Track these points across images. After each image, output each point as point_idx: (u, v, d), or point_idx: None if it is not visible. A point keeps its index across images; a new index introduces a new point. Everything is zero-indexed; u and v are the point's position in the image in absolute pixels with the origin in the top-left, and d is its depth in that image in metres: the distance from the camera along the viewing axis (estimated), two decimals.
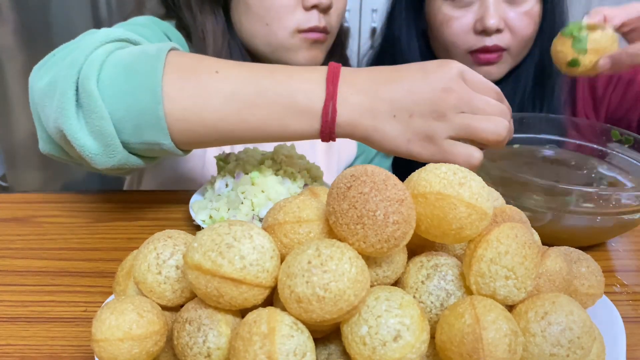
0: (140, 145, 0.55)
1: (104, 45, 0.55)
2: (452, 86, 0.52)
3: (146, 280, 0.36)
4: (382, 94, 0.53)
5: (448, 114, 0.52)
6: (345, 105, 0.53)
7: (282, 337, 0.30)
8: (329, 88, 0.53)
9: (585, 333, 0.33)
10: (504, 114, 0.53)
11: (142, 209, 0.71)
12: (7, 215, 0.69)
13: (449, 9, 0.89)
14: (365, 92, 0.53)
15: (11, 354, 0.46)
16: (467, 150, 0.53)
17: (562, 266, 0.39)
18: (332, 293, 0.30)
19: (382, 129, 0.53)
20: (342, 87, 0.54)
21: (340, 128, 0.54)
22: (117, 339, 0.33)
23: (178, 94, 0.53)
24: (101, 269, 0.58)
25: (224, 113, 0.54)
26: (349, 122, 0.54)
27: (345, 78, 0.54)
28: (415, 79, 0.53)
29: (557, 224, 0.58)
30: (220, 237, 0.33)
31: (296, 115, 0.54)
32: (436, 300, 0.35)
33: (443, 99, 0.52)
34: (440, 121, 0.52)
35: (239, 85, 0.54)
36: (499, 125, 0.52)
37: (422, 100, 0.52)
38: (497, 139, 0.52)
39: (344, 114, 0.53)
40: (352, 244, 0.33)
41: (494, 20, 0.84)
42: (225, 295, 0.32)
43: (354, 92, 0.53)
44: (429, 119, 0.52)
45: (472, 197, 0.34)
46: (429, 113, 0.52)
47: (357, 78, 0.54)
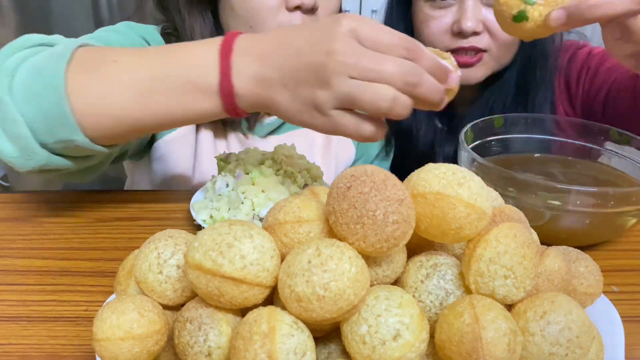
0: (58, 144, 0.55)
1: (21, 52, 0.56)
2: (337, 48, 0.46)
3: (147, 280, 0.37)
4: (273, 61, 0.49)
5: (332, 81, 0.46)
6: (240, 77, 0.50)
7: (282, 336, 0.30)
8: (222, 61, 0.50)
9: (584, 332, 0.33)
10: (405, 73, 0.46)
11: (143, 208, 0.71)
12: (8, 215, 0.69)
13: (429, 9, 0.89)
14: (260, 60, 0.50)
15: (12, 353, 0.46)
16: (356, 122, 0.48)
17: (561, 266, 0.39)
18: (332, 292, 0.30)
19: (276, 99, 0.50)
20: (236, 58, 0.50)
21: (242, 101, 0.51)
22: (118, 338, 0.33)
23: (81, 88, 0.53)
24: (102, 269, 0.58)
25: (126, 103, 0.53)
26: (249, 95, 0.50)
27: (241, 47, 0.51)
28: (303, 41, 0.48)
29: (556, 223, 0.58)
30: (221, 236, 0.33)
31: (196, 95, 0.52)
32: (435, 300, 0.35)
33: (326, 63, 0.46)
34: (325, 89, 0.47)
35: (135, 72, 0.53)
36: (380, 94, 0.46)
37: (307, 66, 0.47)
38: (377, 110, 0.46)
39: (241, 86, 0.50)
40: (352, 244, 0.33)
41: (470, 23, 0.83)
42: (225, 295, 0.32)
43: (250, 62, 0.50)
44: (315, 87, 0.47)
45: (471, 197, 0.34)
46: (313, 80, 0.47)
47: (253, 45, 0.51)
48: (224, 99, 0.51)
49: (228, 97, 0.51)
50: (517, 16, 0.49)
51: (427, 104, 0.49)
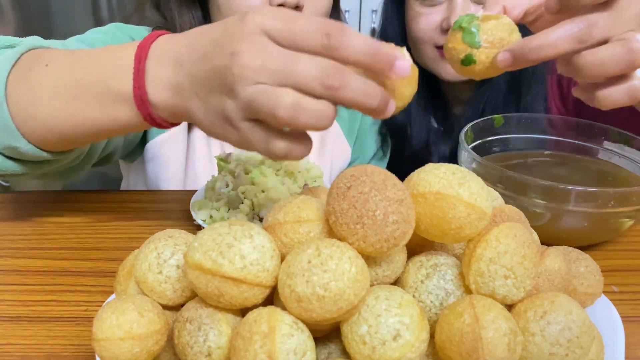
0: (5, 150, 0.54)
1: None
2: (241, 48, 0.39)
3: (147, 280, 0.37)
4: (186, 67, 0.43)
5: (236, 88, 0.39)
6: (154, 84, 0.45)
7: (282, 336, 0.30)
8: (136, 66, 0.45)
9: (584, 332, 0.33)
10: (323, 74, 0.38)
11: (143, 208, 0.71)
12: (8, 214, 0.69)
13: (419, 7, 0.90)
14: (173, 65, 0.44)
15: (12, 353, 0.46)
16: (264, 138, 0.41)
17: (561, 266, 0.39)
18: (332, 292, 0.30)
19: (191, 109, 0.44)
20: (150, 62, 0.45)
21: (159, 111, 0.46)
22: (118, 338, 0.33)
23: (15, 94, 0.51)
24: (102, 269, 0.58)
25: (52, 110, 0.50)
26: (165, 104, 0.45)
27: (157, 50, 0.45)
28: (209, 42, 0.42)
29: (556, 223, 0.58)
30: (221, 236, 0.33)
31: (115, 103, 0.47)
32: (435, 300, 0.35)
33: (230, 67, 0.39)
34: (231, 98, 0.40)
35: (62, 77, 0.50)
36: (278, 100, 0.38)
37: (213, 72, 0.41)
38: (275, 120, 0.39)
39: (156, 95, 0.45)
40: (352, 244, 0.33)
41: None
42: (225, 295, 0.32)
43: (163, 66, 0.45)
44: (223, 96, 0.41)
45: (472, 197, 0.34)
46: (220, 88, 0.41)
47: (170, 48, 0.45)
48: (140, 108, 0.46)
49: (143, 106, 0.46)
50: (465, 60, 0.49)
51: (364, 110, 0.40)
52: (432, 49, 0.91)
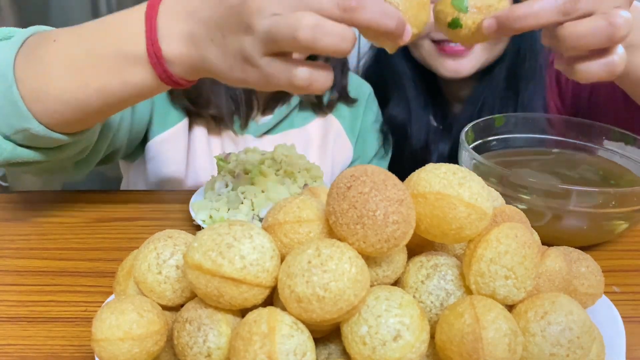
0: (17, 135, 0.54)
1: None
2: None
3: (146, 280, 0.36)
4: (198, 15, 0.44)
5: (253, 21, 0.40)
6: (167, 40, 0.46)
7: (282, 336, 0.30)
8: (148, 25, 0.46)
9: (584, 333, 0.33)
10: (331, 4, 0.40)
11: (142, 209, 0.71)
12: (7, 215, 0.69)
13: None
14: (186, 17, 0.45)
15: (11, 353, 0.46)
16: (285, 68, 0.42)
17: (562, 266, 0.39)
18: (332, 293, 0.30)
19: (207, 57, 0.45)
20: (162, 19, 0.46)
21: (175, 67, 0.47)
22: (117, 339, 0.33)
23: (25, 74, 0.51)
24: (101, 269, 0.58)
25: (66, 83, 0.50)
26: (180, 57, 0.46)
27: (167, 6, 0.46)
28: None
29: (557, 223, 0.58)
30: (221, 237, 0.33)
31: (129, 66, 0.48)
32: (436, 300, 0.35)
33: (245, 5, 0.41)
34: (249, 34, 0.41)
35: (72, 49, 0.50)
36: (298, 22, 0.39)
37: (229, 11, 0.42)
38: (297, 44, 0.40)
39: (170, 50, 0.46)
40: (352, 244, 0.33)
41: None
42: (225, 295, 0.32)
43: (175, 21, 0.46)
44: (240, 34, 0.42)
45: (472, 197, 0.34)
46: (237, 26, 0.42)
47: (179, 2, 0.46)
48: (155, 66, 0.47)
49: (158, 64, 0.47)
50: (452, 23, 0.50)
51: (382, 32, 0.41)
52: (429, 44, 0.89)
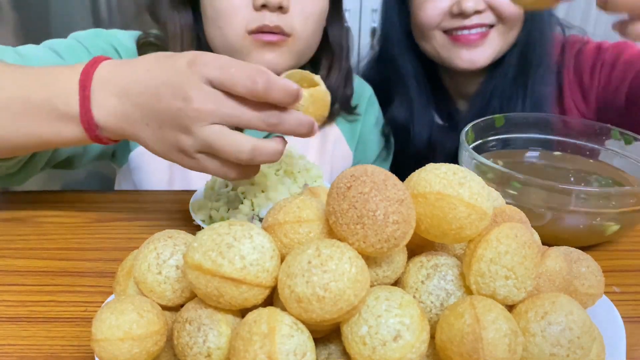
0: None
1: None
2: (193, 95, 0.46)
3: (146, 280, 0.36)
4: (133, 98, 0.49)
5: (192, 128, 0.47)
6: (101, 109, 0.50)
7: (282, 337, 0.30)
8: (81, 91, 0.50)
9: (585, 333, 0.33)
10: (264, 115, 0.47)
11: (142, 209, 0.71)
12: (7, 215, 0.69)
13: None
14: (119, 95, 0.49)
15: (11, 353, 0.46)
16: (221, 168, 0.50)
17: (562, 266, 0.39)
18: (332, 293, 0.30)
19: (141, 136, 0.50)
20: (95, 89, 0.50)
21: (106, 132, 0.52)
22: (117, 339, 0.33)
23: None
24: (101, 269, 0.58)
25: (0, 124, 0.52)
26: (112, 127, 0.51)
27: (101, 77, 0.50)
28: (160, 83, 0.48)
29: (557, 224, 0.58)
30: (220, 237, 0.33)
31: (62, 121, 0.51)
32: (436, 300, 0.35)
33: (184, 111, 0.47)
34: (186, 135, 0.48)
35: (9, 93, 0.52)
36: (239, 145, 0.47)
37: (167, 111, 0.48)
38: (239, 161, 0.48)
39: (102, 119, 0.50)
40: (352, 244, 0.33)
41: (471, 3, 0.80)
42: (225, 295, 0.32)
43: (109, 95, 0.50)
44: (177, 132, 0.48)
45: (472, 197, 0.34)
46: (175, 125, 0.48)
47: (113, 77, 0.50)
48: (87, 130, 0.51)
49: (90, 128, 0.51)
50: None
51: (297, 136, 0.50)
52: (441, 35, 0.88)
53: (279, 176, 0.64)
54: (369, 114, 0.97)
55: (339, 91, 0.86)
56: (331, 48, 0.85)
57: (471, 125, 0.71)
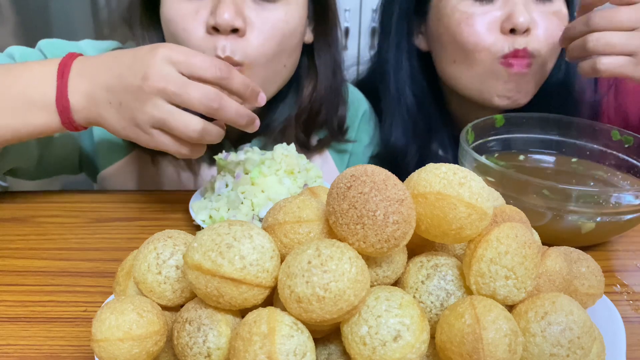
0: None
1: None
2: (150, 73, 0.52)
3: (146, 280, 0.36)
4: (101, 81, 0.55)
5: (147, 104, 0.52)
6: (75, 94, 0.56)
7: (282, 337, 0.30)
8: (59, 80, 0.56)
9: (585, 333, 0.33)
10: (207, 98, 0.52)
11: (142, 209, 0.71)
12: (6, 215, 0.69)
13: (469, 5, 0.74)
14: (90, 80, 0.55)
15: (11, 354, 0.46)
16: (174, 144, 0.54)
17: (562, 266, 0.38)
18: (332, 293, 0.30)
19: (104, 115, 0.56)
20: (72, 76, 0.56)
21: (77, 116, 0.57)
22: (117, 339, 0.33)
23: None
24: (101, 269, 0.58)
25: None
26: (82, 110, 0.56)
27: (77, 67, 0.56)
28: (126, 65, 0.54)
29: (557, 224, 0.58)
30: (220, 237, 0.33)
31: (35, 111, 0.56)
32: (436, 300, 0.35)
33: (141, 87, 0.52)
34: (142, 111, 0.53)
35: None
36: (190, 125, 0.52)
37: (127, 89, 0.53)
38: (189, 139, 0.54)
39: (75, 103, 0.56)
40: (352, 244, 0.33)
41: (524, 18, 0.71)
42: (225, 295, 0.32)
43: (82, 81, 0.56)
44: (134, 108, 0.53)
45: (472, 197, 0.34)
46: (133, 102, 0.53)
47: (87, 66, 0.56)
48: (61, 114, 0.56)
49: (64, 112, 0.56)
50: None
51: (236, 126, 0.56)
52: (493, 62, 0.75)
53: (279, 176, 0.64)
54: (362, 133, 0.89)
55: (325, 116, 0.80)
56: (315, 67, 0.78)
57: (471, 125, 0.71)
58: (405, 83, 0.85)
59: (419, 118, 0.86)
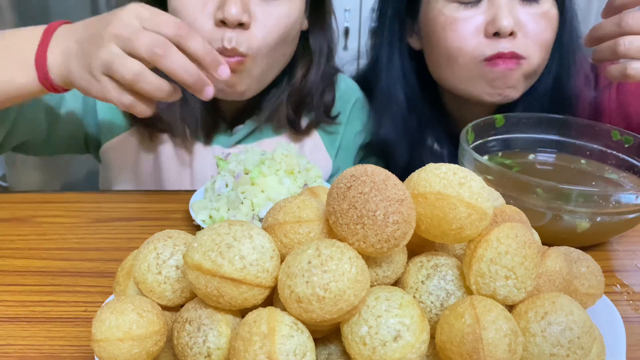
0: None
1: None
2: (113, 22, 0.54)
3: (146, 280, 0.36)
4: (76, 36, 0.57)
5: (102, 49, 0.53)
6: (53, 52, 0.58)
7: (282, 337, 0.30)
8: (43, 39, 0.58)
9: (585, 333, 0.33)
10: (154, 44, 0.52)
11: (142, 208, 0.71)
12: (7, 215, 0.69)
13: (454, 10, 0.75)
14: (69, 38, 0.58)
15: (11, 354, 0.46)
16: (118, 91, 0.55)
17: (562, 266, 0.39)
18: (332, 293, 0.30)
19: (71, 68, 0.57)
20: (55, 37, 0.58)
21: (54, 74, 0.58)
22: (117, 339, 0.33)
23: None
24: (101, 269, 0.58)
25: None
26: (57, 66, 0.58)
27: (62, 30, 0.59)
28: (98, 19, 0.57)
29: (557, 224, 0.58)
30: (220, 237, 0.33)
31: (17, 68, 0.58)
32: (436, 300, 0.35)
33: (101, 34, 0.54)
34: (96, 56, 0.54)
35: None
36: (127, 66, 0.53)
37: (91, 37, 0.55)
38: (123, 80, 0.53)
39: (53, 60, 0.58)
40: (352, 244, 0.33)
41: (507, 21, 0.71)
42: (225, 295, 0.32)
43: (62, 41, 0.58)
44: (91, 55, 0.54)
45: (472, 197, 0.34)
46: (92, 48, 0.54)
47: (71, 28, 0.59)
48: (39, 71, 0.58)
49: (42, 69, 0.58)
50: None
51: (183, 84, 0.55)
52: (477, 65, 0.76)
53: (279, 176, 0.64)
54: (354, 120, 0.91)
55: (316, 97, 0.83)
56: (310, 52, 0.81)
57: (471, 125, 0.71)
58: (397, 81, 0.86)
59: (409, 116, 0.87)
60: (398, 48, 0.85)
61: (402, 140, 0.87)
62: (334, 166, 0.89)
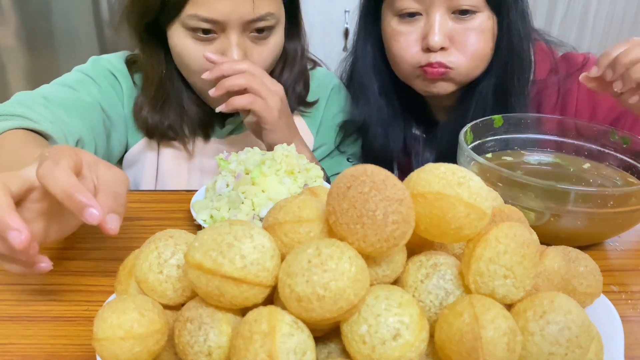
0: None
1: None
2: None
3: (147, 280, 0.37)
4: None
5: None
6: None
7: (282, 335, 0.30)
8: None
9: (583, 332, 0.33)
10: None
11: (143, 208, 0.71)
12: None
13: (397, 24, 0.86)
14: None
15: (13, 352, 0.46)
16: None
17: (561, 265, 0.39)
18: (332, 292, 0.30)
19: None
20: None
21: None
22: (118, 338, 0.33)
23: None
24: (103, 268, 0.58)
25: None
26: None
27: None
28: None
29: (555, 223, 0.58)
30: (221, 236, 0.33)
31: None
32: (435, 299, 0.35)
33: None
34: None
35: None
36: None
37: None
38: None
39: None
40: (351, 243, 0.33)
41: (437, 38, 0.81)
42: (226, 294, 0.33)
43: None
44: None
45: (471, 196, 0.34)
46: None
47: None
48: None
49: None
50: None
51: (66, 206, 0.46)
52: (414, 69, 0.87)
53: (280, 176, 0.64)
54: (332, 104, 0.99)
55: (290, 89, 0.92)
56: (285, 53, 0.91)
57: (470, 126, 0.71)
58: (370, 70, 0.95)
59: (383, 101, 0.97)
60: (371, 41, 0.94)
61: (376, 123, 0.96)
62: (316, 142, 0.98)
